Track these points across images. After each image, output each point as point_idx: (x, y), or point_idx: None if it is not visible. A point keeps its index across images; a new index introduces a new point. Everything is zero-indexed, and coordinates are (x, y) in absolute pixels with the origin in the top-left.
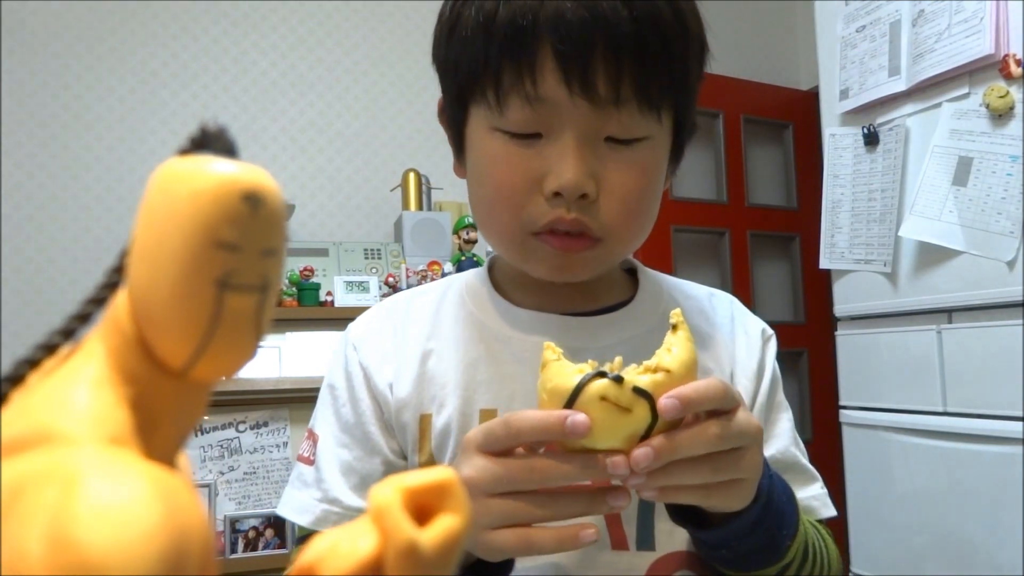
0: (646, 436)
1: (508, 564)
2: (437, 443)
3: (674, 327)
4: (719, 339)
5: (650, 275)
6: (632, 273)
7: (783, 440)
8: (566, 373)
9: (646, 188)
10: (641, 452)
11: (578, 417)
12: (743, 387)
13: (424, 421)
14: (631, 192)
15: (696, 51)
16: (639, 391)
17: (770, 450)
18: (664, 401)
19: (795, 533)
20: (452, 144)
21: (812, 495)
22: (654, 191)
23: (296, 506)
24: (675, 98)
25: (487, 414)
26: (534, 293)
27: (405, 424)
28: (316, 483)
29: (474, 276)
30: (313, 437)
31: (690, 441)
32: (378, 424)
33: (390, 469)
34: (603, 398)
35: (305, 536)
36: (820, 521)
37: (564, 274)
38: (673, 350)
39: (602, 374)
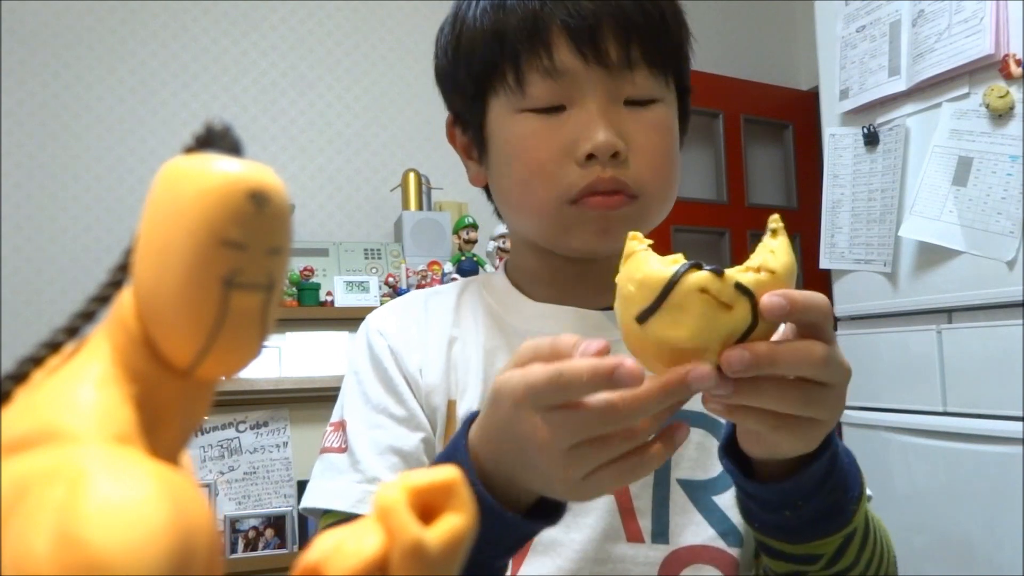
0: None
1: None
2: None
3: (774, 232)
4: None
5: None
6: None
7: None
8: (659, 261)
9: (668, 145)
10: (736, 354)
11: (627, 364)
12: None
13: (451, 407)
14: (656, 148)
15: (685, 24)
16: (741, 288)
17: None
18: (770, 298)
19: (860, 496)
20: (472, 149)
21: None
22: (675, 150)
23: (330, 494)
24: (677, 63)
25: None
26: (549, 289)
27: (435, 407)
28: (352, 467)
29: (490, 275)
30: (342, 426)
31: (793, 355)
32: (413, 401)
33: (429, 448)
34: (703, 290)
35: (332, 524)
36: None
37: (607, 239)
38: (777, 253)
39: (699, 265)
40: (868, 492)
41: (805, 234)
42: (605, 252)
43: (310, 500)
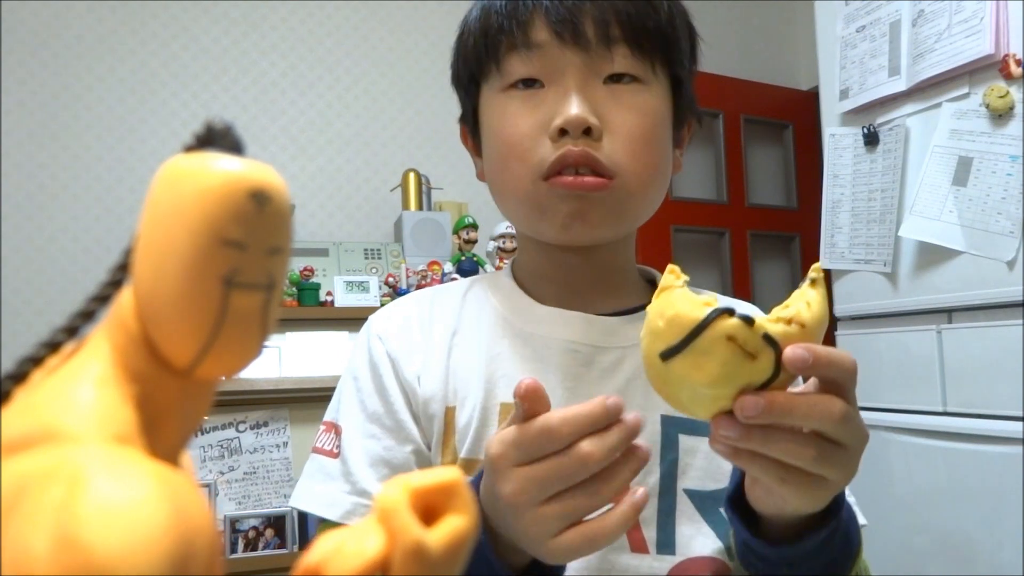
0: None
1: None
2: (460, 436)
3: (813, 281)
4: None
5: None
6: (651, 284)
7: None
8: (692, 302)
9: (649, 128)
10: (751, 400)
11: (613, 401)
12: None
13: (449, 414)
14: (634, 129)
15: (682, 15)
16: (769, 339)
17: None
18: (793, 350)
19: (857, 551)
20: (474, 145)
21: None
22: (657, 135)
23: (322, 500)
24: (666, 52)
25: (507, 408)
26: (556, 292)
27: (433, 415)
28: (344, 476)
29: (497, 274)
30: (336, 429)
31: (810, 408)
32: (408, 412)
33: (421, 459)
34: (730, 338)
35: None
36: None
37: (580, 224)
38: (812, 305)
39: (731, 311)
40: (862, 521)
41: (805, 234)
42: (584, 239)
43: (300, 500)
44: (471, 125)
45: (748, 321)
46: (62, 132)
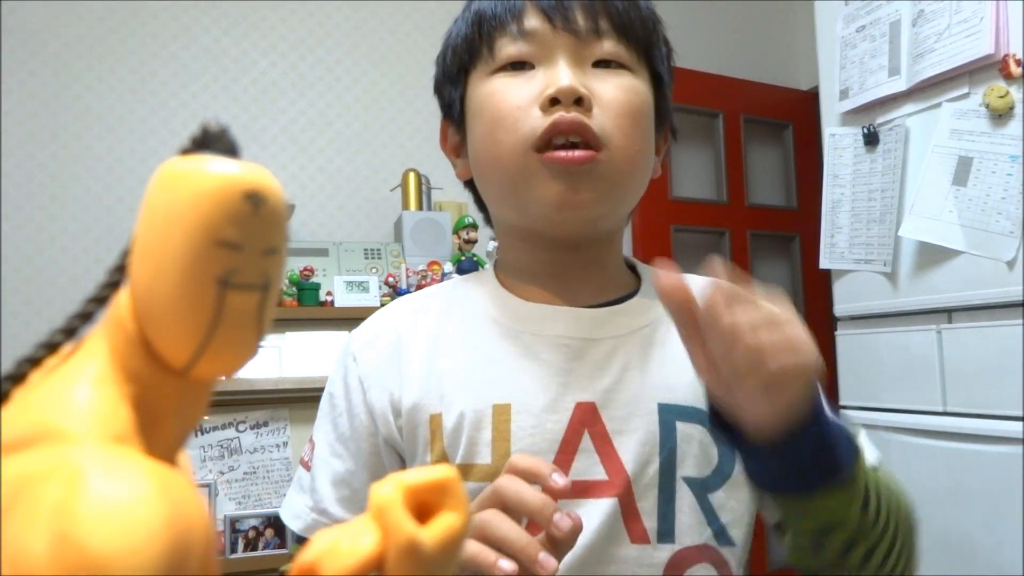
0: None
1: None
2: (449, 441)
3: None
4: None
5: (649, 269)
6: (632, 270)
7: None
8: None
9: (636, 106)
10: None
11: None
12: None
13: (434, 421)
14: (623, 104)
15: (659, 23)
16: None
17: None
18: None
19: (855, 457)
20: (460, 145)
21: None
22: (644, 114)
23: (292, 510)
24: (648, 47)
25: (500, 409)
26: (541, 287)
27: (417, 424)
28: (310, 491)
29: (479, 275)
30: (311, 442)
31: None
32: (369, 441)
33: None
34: None
35: (304, 538)
36: None
37: (572, 200)
38: None
39: None
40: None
41: (805, 234)
42: (575, 222)
43: (282, 508)
44: (456, 118)
45: None
46: (62, 132)
